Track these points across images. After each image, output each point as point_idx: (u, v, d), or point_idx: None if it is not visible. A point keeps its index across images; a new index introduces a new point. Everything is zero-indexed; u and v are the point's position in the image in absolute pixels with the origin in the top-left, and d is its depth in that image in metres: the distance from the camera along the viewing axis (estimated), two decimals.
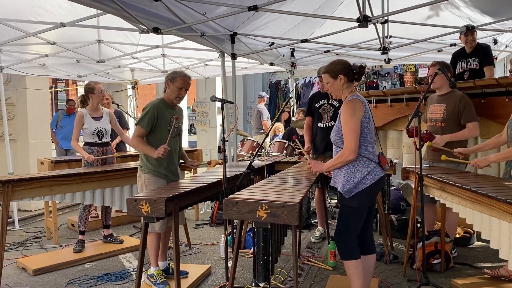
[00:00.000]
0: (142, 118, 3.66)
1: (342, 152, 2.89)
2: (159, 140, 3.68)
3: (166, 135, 3.70)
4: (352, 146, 2.83)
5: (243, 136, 7.24)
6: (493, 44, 6.65)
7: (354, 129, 2.84)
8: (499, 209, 2.59)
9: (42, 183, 4.07)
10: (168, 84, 3.73)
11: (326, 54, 6.79)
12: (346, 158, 2.86)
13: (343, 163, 2.90)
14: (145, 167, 3.73)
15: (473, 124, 3.96)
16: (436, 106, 4.19)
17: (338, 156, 2.92)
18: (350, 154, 2.84)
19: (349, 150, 2.84)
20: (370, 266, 3.14)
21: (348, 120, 2.86)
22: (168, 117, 3.74)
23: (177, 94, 3.73)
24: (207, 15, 4.45)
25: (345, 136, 2.87)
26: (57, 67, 6.98)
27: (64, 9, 4.85)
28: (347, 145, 2.85)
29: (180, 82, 3.70)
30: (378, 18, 4.29)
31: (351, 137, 2.84)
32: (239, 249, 2.96)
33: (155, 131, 3.69)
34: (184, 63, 7.72)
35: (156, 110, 3.66)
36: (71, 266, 4.42)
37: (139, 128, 3.66)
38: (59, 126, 7.64)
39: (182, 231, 4.90)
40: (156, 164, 3.70)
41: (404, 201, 5.84)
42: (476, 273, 3.91)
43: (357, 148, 2.85)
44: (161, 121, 3.69)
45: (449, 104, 4.09)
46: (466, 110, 3.98)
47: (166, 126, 3.72)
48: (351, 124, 2.85)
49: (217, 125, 12.50)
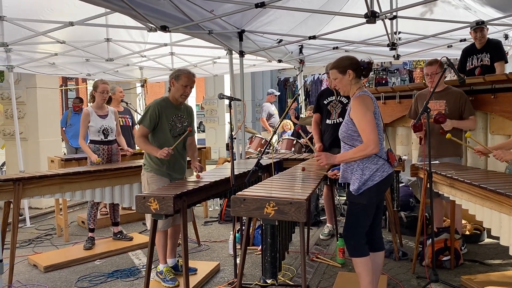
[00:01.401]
0: (144, 116, 3.66)
1: (364, 145, 2.80)
2: (161, 139, 3.69)
3: (168, 134, 3.71)
4: (374, 139, 2.77)
5: (252, 133, 7.24)
6: (504, 39, 6.56)
7: (371, 123, 2.80)
8: (509, 206, 2.56)
9: (52, 181, 4.12)
10: (172, 83, 3.72)
11: (335, 50, 6.77)
12: (370, 152, 2.78)
13: (364, 156, 2.82)
14: (148, 166, 3.75)
15: (473, 117, 4.21)
16: (434, 103, 4.22)
17: (359, 149, 2.83)
18: (374, 147, 2.77)
19: (373, 143, 2.77)
20: (378, 263, 3.13)
21: (363, 115, 2.82)
22: (171, 116, 3.73)
23: (182, 92, 3.71)
24: (214, 12, 4.45)
25: (363, 131, 2.81)
26: (67, 65, 7.03)
27: (73, 8, 4.89)
28: (368, 138, 2.78)
29: (184, 79, 3.68)
30: (386, 13, 4.26)
31: (370, 130, 2.79)
32: (247, 246, 2.98)
33: (157, 130, 3.69)
34: (192, 61, 7.74)
35: (158, 109, 3.64)
36: (81, 263, 4.46)
37: (141, 127, 3.67)
38: (68, 124, 7.69)
39: (191, 228, 4.92)
40: (158, 162, 3.70)
41: (413, 198, 5.80)
42: (487, 270, 3.88)
43: (378, 141, 2.79)
44: (163, 120, 3.68)
45: (449, 100, 4.21)
46: (467, 105, 4.20)
47: (167, 126, 3.71)
48: (366, 118, 2.81)
49: (226, 122, 12.53)
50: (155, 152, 3.61)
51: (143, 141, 3.68)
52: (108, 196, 4.51)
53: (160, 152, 3.56)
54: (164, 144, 3.66)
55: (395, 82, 11.66)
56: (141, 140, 3.68)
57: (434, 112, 4.18)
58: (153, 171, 3.72)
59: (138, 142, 3.75)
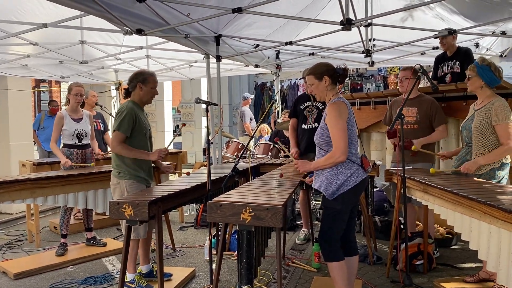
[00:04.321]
0: (121, 122, 3.52)
1: (332, 153, 2.88)
2: (137, 143, 3.61)
3: (143, 138, 3.66)
4: (342, 147, 2.84)
5: (228, 137, 7.23)
6: (475, 47, 6.75)
7: (343, 130, 2.86)
8: (480, 211, 2.63)
9: (23, 186, 4.02)
10: (139, 86, 3.65)
11: (311, 56, 6.83)
12: (337, 160, 2.87)
13: (333, 164, 2.90)
14: (125, 173, 3.59)
15: (443, 127, 4.25)
16: (406, 110, 4.29)
17: (328, 157, 2.91)
18: (341, 155, 2.85)
19: (340, 151, 2.85)
20: (353, 267, 3.16)
21: (335, 122, 2.88)
22: (143, 120, 3.70)
23: (152, 95, 3.72)
24: (191, 16, 4.44)
25: (334, 138, 2.88)
26: (40, 67, 6.89)
27: (47, 9, 4.78)
28: (337, 146, 2.85)
29: (152, 82, 3.69)
30: (362, 21, 4.32)
31: (340, 138, 2.85)
32: (223, 251, 2.96)
33: (132, 135, 3.59)
34: (168, 64, 7.69)
35: (134, 114, 3.58)
36: (53, 269, 4.36)
37: (120, 134, 3.52)
38: (41, 127, 7.51)
39: (166, 233, 4.87)
40: (137, 168, 3.62)
41: (388, 202, 5.89)
42: (458, 274, 3.97)
43: (347, 149, 2.86)
44: (138, 124, 3.62)
45: (421, 107, 4.27)
46: (438, 114, 4.24)
47: (142, 129, 3.66)
48: (339, 126, 2.87)
49: (203, 126, 12.47)
50: (146, 155, 3.59)
51: (126, 148, 3.54)
52: (82, 201, 4.41)
53: (158, 154, 3.59)
54: (140, 148, 3.62)
55: (370, 88, 11.83)
56: (123, 146, 3.53)
57: (408, 118, 4.26)
58: (132, 178, 3.60)
59: (119, 149, 3.54)
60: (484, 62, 3.52)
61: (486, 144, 3.47)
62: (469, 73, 3.57)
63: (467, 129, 3.64)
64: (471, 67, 3.56)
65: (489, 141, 3.46)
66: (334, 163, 2.89)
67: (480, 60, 3.57)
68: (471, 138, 3.59)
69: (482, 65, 3.50)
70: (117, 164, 3.64)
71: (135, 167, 3.61)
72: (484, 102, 3.54)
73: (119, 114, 3.58)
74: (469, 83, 3.58)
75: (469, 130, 3.60)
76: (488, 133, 3.46)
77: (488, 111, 3.45)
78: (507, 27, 5.61)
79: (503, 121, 3.38)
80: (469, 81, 3.58)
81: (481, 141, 3.49)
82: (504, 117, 3.38)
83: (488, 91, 3.54)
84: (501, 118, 3.38)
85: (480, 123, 3.49)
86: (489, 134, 3.45)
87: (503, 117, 3.38)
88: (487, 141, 3.46)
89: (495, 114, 3.40)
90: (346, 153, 2.86)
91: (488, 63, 3.52)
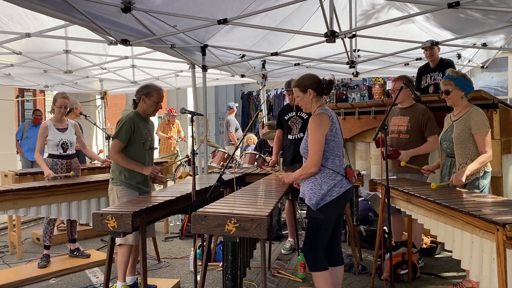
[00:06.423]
0: (119, 131, 3.64)
1: (305, 164, 2.99)
2: (133, 153, 3.70)
3: (140, 148, 3.74)
4: (314, 159, 2.92)
5: (214, 147, 7.22)
6: (457, 58, 6.89)
7: (318, 143, 2.92)
8: (462, 221, 2.66)
9: (5, 197, 3.96)
10: (143, 99, 3.76)
11: (297, 66, 6.89)
12: (309, 171, 2.95)
13: (307, 175, 2.99)
14: (117, 180, 3.70)
15: (434, 138, 4.11)
16: (399, 119, 4.32)
17: (302, 168, 3.02)
18: (312, 167, 2.94)
19: (311, 163, 2.94)
20: (338, 277, 3.17)
21: (313, 134, 2.94)
22: (143, 130, 3.77)
23: (154, 108, 3.81)
24: (177, 27, 4.45)
25: (309, 149, 2.96)
26: (23, 77, 6.83)
27: (31, 19, 4.75)
28: (310, 158, 2.95)
29: (156, 96, 3.78)
30: (346, 33, 4.37)
31: (315, 151, 2.93)
32: (208, 262, 2.95)
33: (129, 144, 3.69)
34: (154, 74, 7.67)
35: (133, 123, 3.68)
36: (35, 282, 4.28)
37: (118, 143, 3.64)
38: (24, 137, 7.42)
39: (151, 244, 4.83)
40: (129, 176, 3.70)
41: (373, 212, 5.92)
42: (442, 283, 4.00)
43: (319, 161, 2.93)
44: (136, 134, 3.71)
45: (412, 117, 4.24)
46: (429, 123, 4.16)
47: (141, 140, 3.74)
48: (315, 138, 2.93)
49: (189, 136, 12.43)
50: (140, 169, 3.67)
51: (123, 157, 3.66)
52: (65, 212, 4.35)
53: (152, 170, 3.70)
54: (136, 158, 3.71)
55: (355, 98, 11.95)
56: (120, 156, 3.65)
57: (399, 127, 4.28)
58: (123, 185, 3.69)
59: (116, 158, 3.66)
60: (458, 73, 3.63)
61: (468, 153, 3.52)
62: (446, 87, 3.61)
63: (447, 140, 3.69)
64: (446, 81, 3.61)
65: (470, 150, 3.51)
66: (307, 174, 2.99)
67: (453, 73, 3.65)
68: (452, 149, 3.64)
69: (459, 76, 3.59)
70: (112, 170, 3.77)
71: (126, 174, 3.69)
72: (462, 113, 3.60)
73: (119, 123, 3.70)
74: (449, 97, 3.62)
75: (450, 141, 3.65)
76: (469, 143, 3.52)
77: (467, 121, 3.52)
78: (487, 39, 5.74)
79: (482, 130, 3.45)
80: (448, 95, 3.62)
81: (463, 151, 3.55)
82: (482, 125, 3.46)
83: (465, 101, 3.62)
84: (480, 126, 3.46)
85: (460, 133, 3.55)
86: (470, 144, 3.51)
87: (482, 126, 3.46)
88: (469, 151, 3.52)
89: (474, 122, 3.48)
90: (318, 165, 2.93)
91: (461, 74, 3.64)
